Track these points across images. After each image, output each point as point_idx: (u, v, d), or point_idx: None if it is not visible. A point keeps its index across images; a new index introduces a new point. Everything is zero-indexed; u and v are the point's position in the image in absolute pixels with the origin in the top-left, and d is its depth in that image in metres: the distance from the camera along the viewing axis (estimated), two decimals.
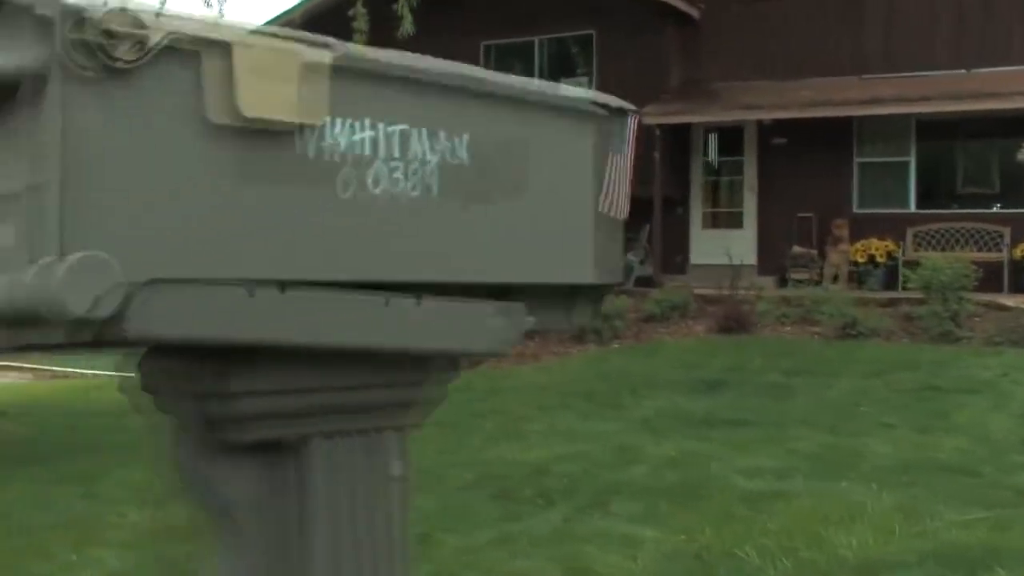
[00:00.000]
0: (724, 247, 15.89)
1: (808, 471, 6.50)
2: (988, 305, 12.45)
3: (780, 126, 15.33)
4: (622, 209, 1.78)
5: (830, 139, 15.32)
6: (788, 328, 12.74)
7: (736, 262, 14.05)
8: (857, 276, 14.47)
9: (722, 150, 17.00)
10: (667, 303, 13.71)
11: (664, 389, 10.03)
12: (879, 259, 14.65)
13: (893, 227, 14.92)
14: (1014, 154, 13.53)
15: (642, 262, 16.18)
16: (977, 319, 12.13)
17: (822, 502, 5.64)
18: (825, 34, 15.69)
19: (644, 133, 14.99)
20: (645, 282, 15.73)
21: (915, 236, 14.79)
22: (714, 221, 16.91)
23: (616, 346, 12.79)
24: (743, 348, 11.65)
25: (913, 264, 13.99)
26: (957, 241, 14.40)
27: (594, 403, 9.67)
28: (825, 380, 10.06)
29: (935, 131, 15.21)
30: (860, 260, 14.72)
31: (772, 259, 15.61)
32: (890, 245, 14.70)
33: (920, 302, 12.30)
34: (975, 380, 9.77)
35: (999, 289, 13.35)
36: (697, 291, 14.04)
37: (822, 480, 6.28)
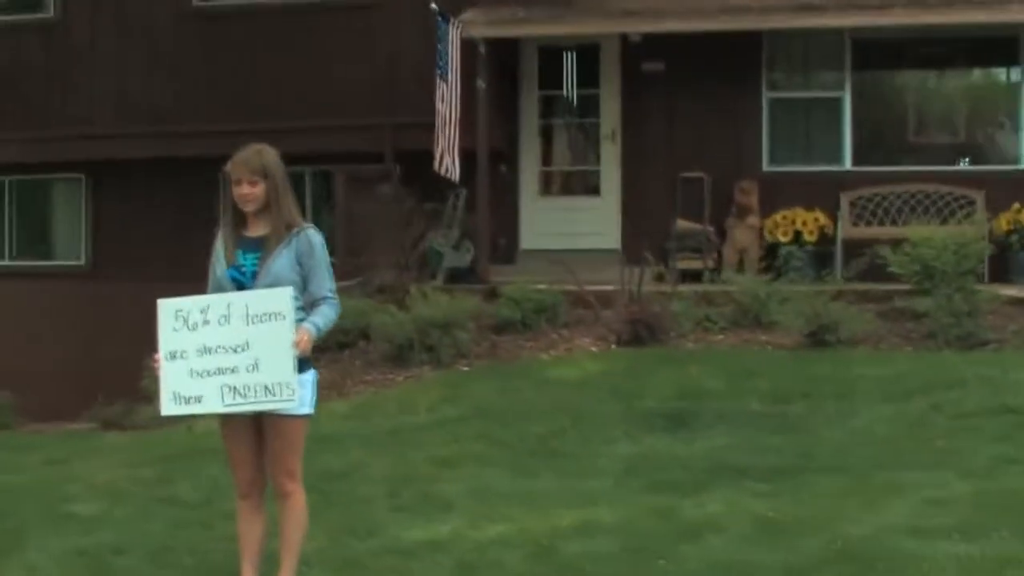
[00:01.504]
0: (572, 222, 14.40)
1: (1001, 527, 6.09)
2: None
3: (655, 44, 13.74)
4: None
5: (729, 65, 14.14)
6: (721, 336, 11.69)
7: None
8: (781, 260, 13.08)
9: (569, 79, 15.37)
10: (529, 305, 11.88)
11: (607, 427, 9.07)
12: (807, 237, 13.36)
13: (819, 192, 13.86)
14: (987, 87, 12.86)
15: (456, 247, 14.11)
16: (990, 316, 11.41)
17: None
18: None
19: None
20: (461, 277, 13.71)
21: (852, 204, 13.67)
22: (554, 185, 15.43)
23: (465, 369, 11.38)
24: (677, 366, 10.60)
25: (855, 243, 12.98)
26: (912, 209, 13.50)
27: (518, 452, 8.56)
28: (836, 406, 9.33)
29: (878, 55, 14.49)
30: (783, 238, 13.35)
31: (643, 239, 13.98)
32: (821, 217, 13.46)
33: (891, 295, 11.83)
34: None
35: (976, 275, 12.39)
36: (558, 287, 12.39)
37: None
